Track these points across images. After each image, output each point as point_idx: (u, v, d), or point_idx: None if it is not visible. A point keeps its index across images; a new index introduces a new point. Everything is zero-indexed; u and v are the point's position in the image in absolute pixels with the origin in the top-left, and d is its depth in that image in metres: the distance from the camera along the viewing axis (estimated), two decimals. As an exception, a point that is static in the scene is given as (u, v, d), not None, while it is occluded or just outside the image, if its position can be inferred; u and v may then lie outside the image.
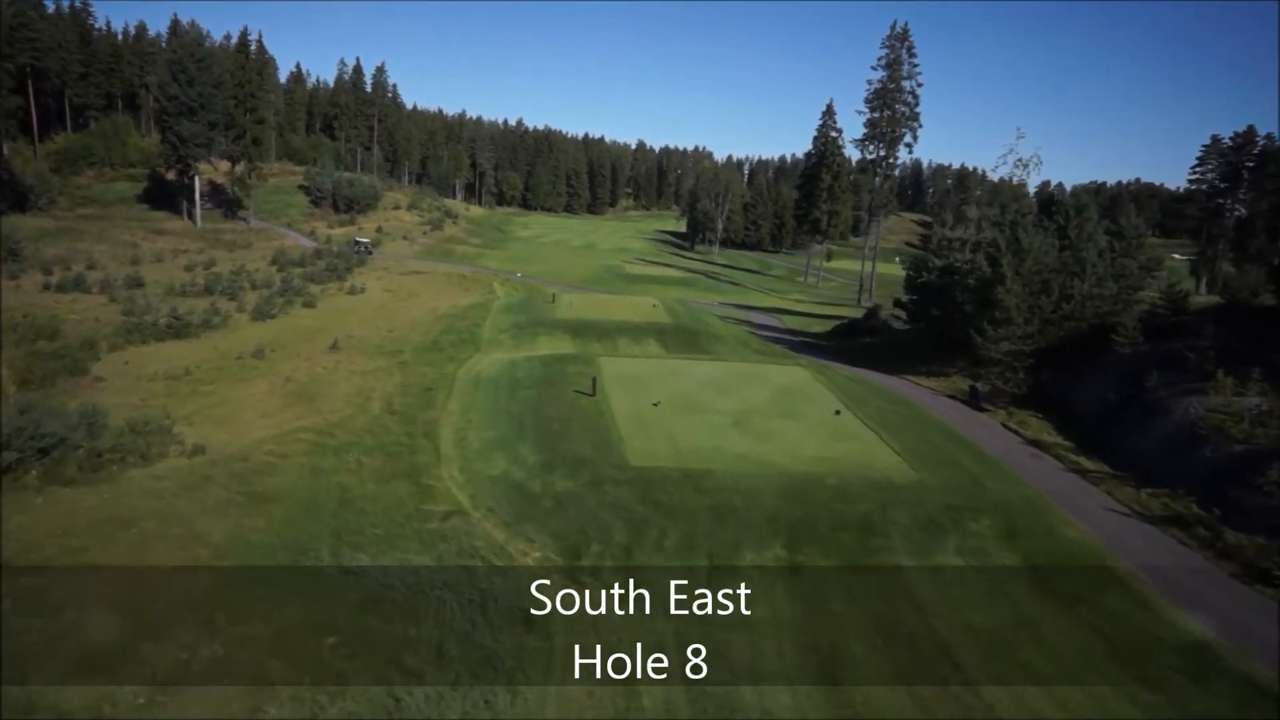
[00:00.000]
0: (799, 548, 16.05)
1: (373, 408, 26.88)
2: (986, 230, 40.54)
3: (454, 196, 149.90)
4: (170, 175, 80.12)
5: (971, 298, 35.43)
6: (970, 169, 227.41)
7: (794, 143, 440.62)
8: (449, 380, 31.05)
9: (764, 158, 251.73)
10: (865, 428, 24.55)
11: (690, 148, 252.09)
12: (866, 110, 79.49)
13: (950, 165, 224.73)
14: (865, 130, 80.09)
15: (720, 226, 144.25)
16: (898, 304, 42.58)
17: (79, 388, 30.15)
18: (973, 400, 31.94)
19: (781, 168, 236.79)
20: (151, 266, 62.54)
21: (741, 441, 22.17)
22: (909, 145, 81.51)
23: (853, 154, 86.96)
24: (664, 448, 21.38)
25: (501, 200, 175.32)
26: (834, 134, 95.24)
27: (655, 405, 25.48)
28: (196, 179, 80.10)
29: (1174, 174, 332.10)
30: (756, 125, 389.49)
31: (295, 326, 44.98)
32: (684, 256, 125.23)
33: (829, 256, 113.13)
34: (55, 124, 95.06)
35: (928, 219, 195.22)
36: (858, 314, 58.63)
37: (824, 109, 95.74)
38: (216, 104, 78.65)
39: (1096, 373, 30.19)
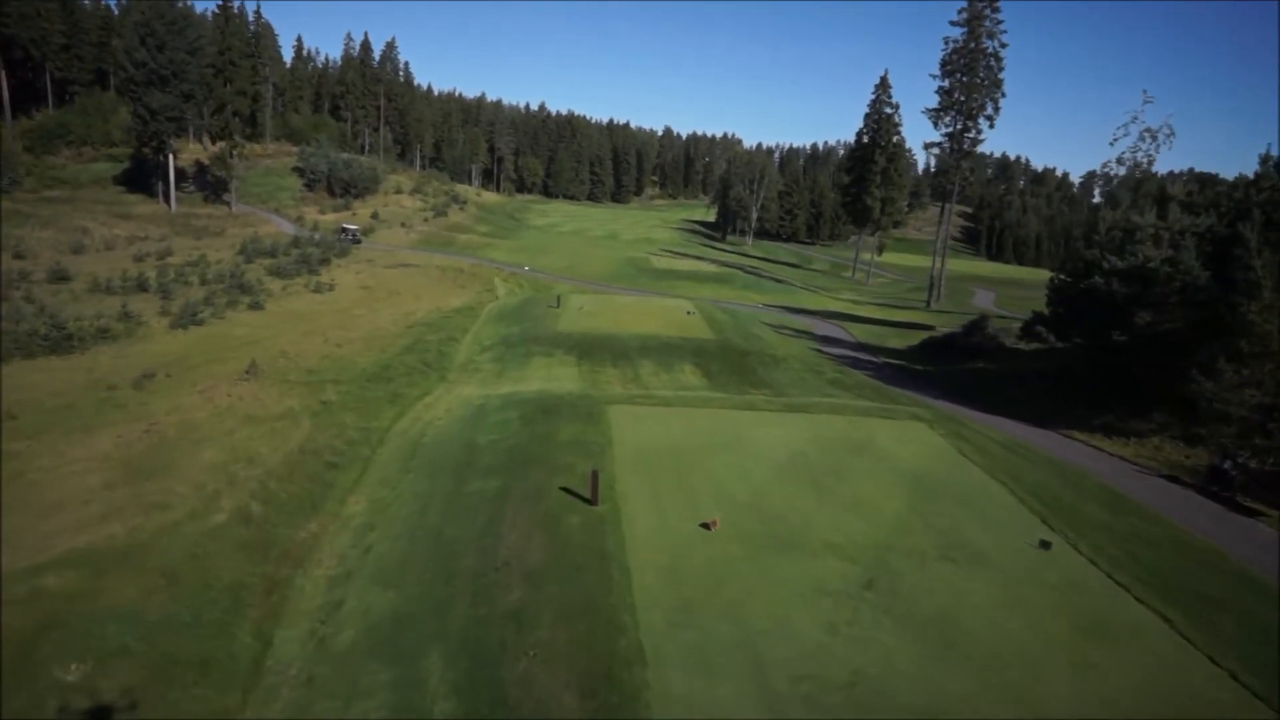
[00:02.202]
0: None
1: (223, 505, 15.83)
2: (1182, 218, 27.80)
3: (470, 183, 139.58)
4: (147, 153, 70.88)
5: (1188, 317, 23.17)
6: (1012, 158, 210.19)
7: (827, 130, 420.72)
8: (375, 442, 19.93)
9: (796, 145, 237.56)
10: (1122, 592, 12.01)
11: (719, 135, 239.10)
12: (939, 76, 66.04)
13: (991, 154, 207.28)
14: (939, 99, 66.55)
15: (755, 215, 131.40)
16: (1041, 320, 30.07)
17: None
18: (1220, 488, 19.64)
19: (814, 155, 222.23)
20: (95, 256, 53.30)
21: (903, 655, 10.03)
22: (990, 118, 67.76)
23: (908, 135, 74.10)
24: (739, 681, 9.32)
25: (522, 187, 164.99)
26: (888, 110, 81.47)
27: (707, 529, 13.81)
28: (171, 157, 70.86)
29: (1210, 162, 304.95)
30: (786, 112, 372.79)
31: (221, 337, 34.50)
32: (715, 248, 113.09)
33: (882, 249, 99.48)
34: (40, 100, 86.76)
35: (968, 209, 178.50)
36: (949, 325, 46.21)
37: (878, 81, 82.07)
38: (191, 72, 68.75)
39: None
